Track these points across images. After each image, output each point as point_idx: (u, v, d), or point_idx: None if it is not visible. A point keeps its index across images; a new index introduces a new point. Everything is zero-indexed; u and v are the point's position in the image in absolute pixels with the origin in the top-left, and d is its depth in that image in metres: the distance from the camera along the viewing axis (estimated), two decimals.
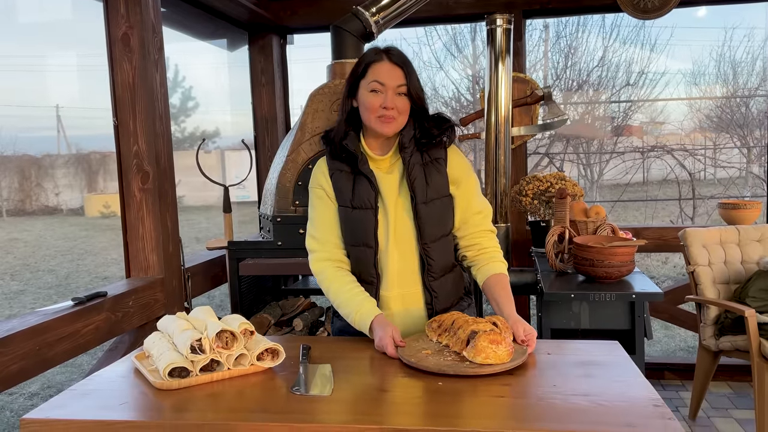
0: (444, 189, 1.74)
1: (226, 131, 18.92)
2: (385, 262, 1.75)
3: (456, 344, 1.51)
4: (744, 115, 10.09)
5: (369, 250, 1.72)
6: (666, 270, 7.63)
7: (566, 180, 3.21)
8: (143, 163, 2.65)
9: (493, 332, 1.46)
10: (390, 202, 1.73)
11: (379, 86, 1.65)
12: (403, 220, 1.73)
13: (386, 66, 1.66)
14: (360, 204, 1.72)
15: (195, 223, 13.89)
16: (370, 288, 1.75)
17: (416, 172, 1.71)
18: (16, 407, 4.09)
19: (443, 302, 1.78)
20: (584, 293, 2.55)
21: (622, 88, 9.60)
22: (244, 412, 1.26)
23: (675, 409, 3.30)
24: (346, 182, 1.74)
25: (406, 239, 1.74)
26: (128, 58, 2.60)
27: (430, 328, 1.64)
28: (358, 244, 1.74)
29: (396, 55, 1.67)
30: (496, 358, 1.43)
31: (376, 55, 1.67)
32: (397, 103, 1.66)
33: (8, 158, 19.06)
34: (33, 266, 10.00)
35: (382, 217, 1.73)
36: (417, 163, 1.71)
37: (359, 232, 1.72)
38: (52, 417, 1.27)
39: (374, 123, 1.68)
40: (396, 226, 1.73)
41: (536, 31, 8.84)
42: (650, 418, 1.19)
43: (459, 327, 1.53)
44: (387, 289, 1.76)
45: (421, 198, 1.70)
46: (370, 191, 1.71)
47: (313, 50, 5.45)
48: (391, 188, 1.74)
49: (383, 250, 1.74)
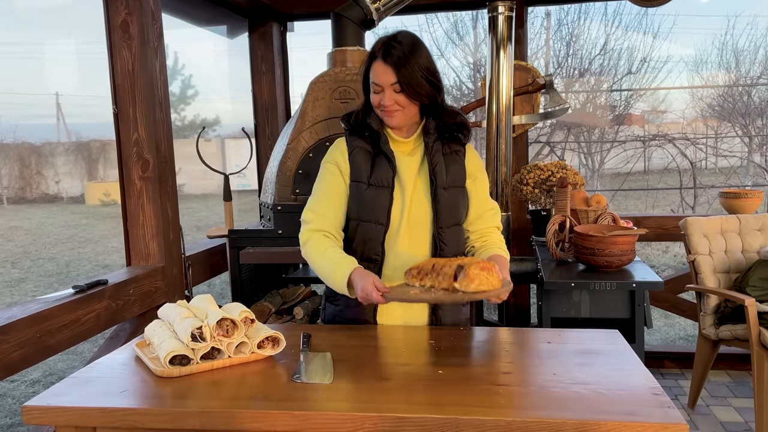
0: (462, 180, 1.77)
1: (226, 119, 18.89)
2: (394, 241, 1.74)
3: (443, 281, 1.51)
4: (746, 103, 10.06)
5: (380, 227, 1.73)
6: (666, 259, 7.64)
7: (567, 169, 3.20)
8: (143, 151, 2.64)
9: (483, 261, 1.49)
10: (408, 183, 1.74)
11: (377, 87, 1.68)
12: (420, 202, 1.74)
13: (380, 66, 1.66)
14: (377, 182, 1.72)
15: (195, 211, 13.89)
16: (373, 266, 1.74)
17: (437, 158, 1.74)
18: (17, 394, 4.11)
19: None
20: (585, 282, 2.55)
21: (624, 77, 9.57)
22: (245, 400, 1.27)
23: (674, 398, 3.31)
24: (365, 160, 1.74)
25: (420, 221, 1.74)
26: (127, 45, 2.59)
27: (410, 275, 1.61)
28: (370, 221, 1.73)
29: (388, 52, 1.64)
30: (489, 284, 1.44)
31: (374, 54, 1.68)
32: (397, 98, 1.66)
33: (8, 146, 19.04)
34: (34, 254, 10.02)
35: (398, 197, 1.74)
36: (438, 151, 1.74)
37: (373, 208, 1.72)
38: (53, 404, 1.28)
39: (381, 116, 1.72)
40: (411, 207, 1.74)
41: (538, 18, 8.81)
42: (650, 406, 1.19)
43: (442, 266, 1.54)
44: (392, 268, 1.75)
45: (441, 183, 1.73)
46: (388, 170, 1.73)
47: (314, 38, 5.42)
48: (410, 170, 1.75)
49: (394, 229, 1.74)
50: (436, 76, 1.69)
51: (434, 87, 1.69)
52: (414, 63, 1.64)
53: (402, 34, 1.68)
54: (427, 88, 1.67)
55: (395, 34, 1.68)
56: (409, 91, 1.65)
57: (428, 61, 1.68)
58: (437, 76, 1.70)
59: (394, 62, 1.63)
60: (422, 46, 1.69)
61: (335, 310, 1.84)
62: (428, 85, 1.67)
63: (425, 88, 1.67)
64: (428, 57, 1.68)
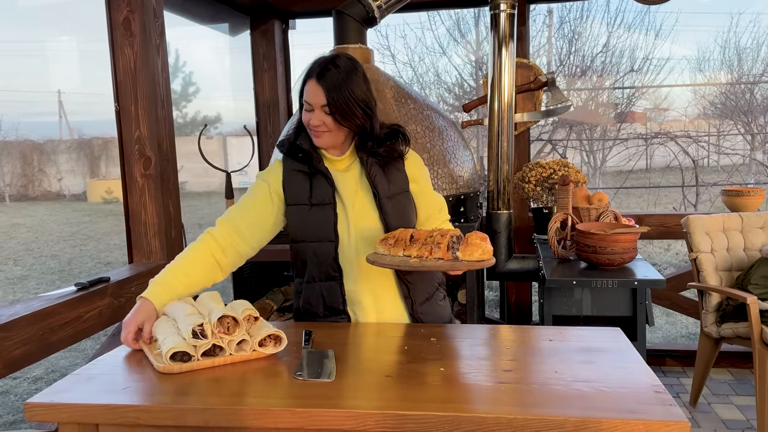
0: (404, 185, 1.77)
1: (227, 117, 18.90)
2: (350, 256, 1.73)
3: (437, 251, 1.53)
4: (748, 101, 10.04)
5: (330, 244, 1.72)
6: (668, 257, 7.63)
7: (569, 167, 3.20)
8: (145, 148, 2.64)
9: (476, 231, 1.55)
10: (348, 198, 1.73)
11: (307, 104, 1.66)
12: (365, 216, 1.73)
13: (312, 86, 1.64)
14: (319, 200, 1.73)
15: (197, 209, 13.90)
16: (335, 283, 1.74)
17: (375, 170, 1.73)
18: (20, 391, 4.12)
19: (421, 293, 1.79)
20: (586, 280, 2.55)
21: (626, 74, 9.55)
22: (247, 397, 1.27)
23: (676, 396, 3.31)
24: (303, 182, 1.74)
25: (370, 234, 1.72)
26: (129, 43, 2.59)
27: (387, 244, 1.60)
28: (319, 239, 1.73)
29: (323, 74, 1.63)
30: (488, 253, 1.51)
31: (309, 72, 1.66)
32: (325, 120, 1.65)
33: (11, 143, 19.08)
34: (36, 251, 10.04)
35: (341, 214, 1.73)
36: (375, 163, 1.73)
37: (319, 227, 1.72)
38: (55, 401, 1.28)
39: (310, 135, 1.71)
40: (358, 221, 1.73)
41: (540, 16, 8.78)
42: (651, 404, 1.19)
43: (427, 237, 1.56)
44: (355, 282, 1.74)
45: (384, 193, 1.72)
46: (327, 187, 1.73)
47: (316, 35, 5.42)
48: (349, 185, 1.74)
49: (345, 245, 1.73)
50: (370, 106, 1.68)
51: (366, 115, 1.67)
52: (347, 89, 1.62)
53: (342, 59, 1.67)
54: (358, 116, 1.65)
55: (336, 56, 1.68)
56: (338, 116, 1.64)
57: (362, 90, 1.66)
58: (371, 105, 1.68)
59: (327, 85, 1.62)
60: (359, 74, 1.67)
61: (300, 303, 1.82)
62: (359, 113, 1.65)
63: (356, 116, 1.65)
64: (363, 86, 1.66)
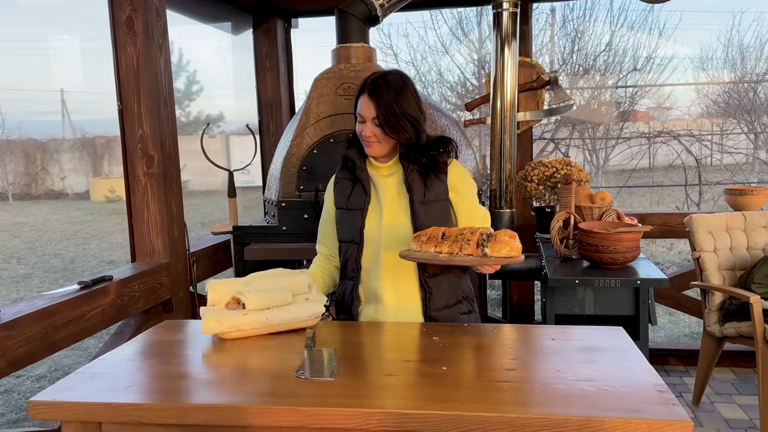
0: (443, 193, 1.84)
1: (230, 115, 18.93)
2: (377, 256, 1.83)
3: (467, 248, 1.60)
4: (752, 100, 10.01)
5: (354, 245, 1.85)
6: (671, 256, 7.62)
7: (572, 165, 3.19)
8: (148, 147, 2.65)
9: (505, 229, 1.61)
10: (386, 202, 1.85)
11: (360, 117, 1.80)
12: (398, 218, 1.83)
13: (364, 100, 1.77)
14: (353, 205, 1.87)
15: (200, 207, 13.92)
16: (351, 283, 1.87)
17: (414, 177, 1.82)
18: (23, 390, 4.14)
19: (439, 300, 1.83)
20: (589, 279, 2.55)
21: (629, 73, 9.53)
22: (250, 396, 1.27)
23: (679, 395, 3.31)
24: (347, 188, 1.90)
25: (399, 235, 1.81)
26: (132, 42, 2.59)
27: (419, 240, 1.68)
28: (347, 241, 1.88)
29: (374, 90, 1.75)
30: (517, 250, 1.56)
31: (363, 87, 1.79)
32: (375, 132, 1.78)
33: (13, 142, 19.11)
34: (39, 250, 10.06)
35: (374, 216, 1.85)
36: (415, 170, 1.83)
37: (349, 229, 1.86)
38: (59, 399, 1.28)
39: (364, 144, 1.83)
40: (390, 221, 1.83)
41: (542, 15, 8.76)
42: (654, 403, 1.19)
43: (458, 234, 1.64)
44: (379, 280, 1.83)
45: (418, 198, 1.81)
46: (362, 194, 1.86)
47: (318, 34, 5.42)
48: (388, 189, 1.86)
49: (375, 245, 1.83)
50: (418, 120, 1.78)
51: (413, 128, 1.78)
52: (396, 105, 1.74)
53: (394, 75, 1.79)
54: (406, 129, 1.77)
55: (388, 72, 1.80)
56: (387, 128, 1.76)
57: (411, 105, 1.77)
58: (419, 119, 1.79)
59: (377, 100, 1.74)
60: (409, 90, 1.78)
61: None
62: (408, 126, 1.77)
63: (404, 130, 1.76)
64: (412, 101, 1.77)
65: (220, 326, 1.59)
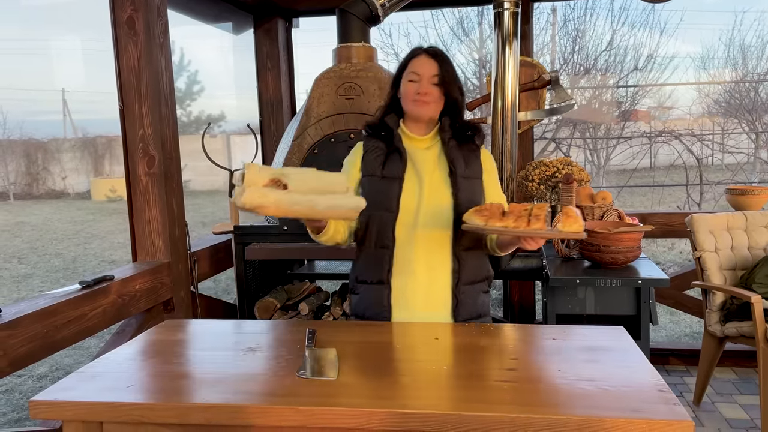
0: (478, 172, 1.91)
1: (231, 115, 18.94)
2: (412, 228, 1.83)
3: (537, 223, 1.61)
4: (753, 100, 10.01)
5: (389, 214, 1.83)
6: (672, 256, 7.61)
7: (573, 165, 3.19)
8: (149, 147, 2.65)
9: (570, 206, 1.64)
10: (426, 175, 1.85)
11: (416, 76, 1.83)
12: (438, 190, 1.85)
13: (424, 59, 1.84)
14: (389, 174, 1.86)
15: (201, 207, 13.92)
16: (386, 252, 1.84)
17: (454, 152, 1.88)
18: (24, 389, 4.14)
19: (467, 274, 1.86)
20: (590, 279, 2.55)
21: (630, 73, 9.53)
22: (250, 395, 1.27)
23: (680, 395, 3.30)
24: (379, 157, 1.89)
25: (439, 208, 1.83)
26: (133, 42, 2.59)
27: (482, 215, 1.66)
28: (380, 209, 1.84)
29: (433, 50, 1.86)
30: (582, 226, 1.60)
31: (417, 50, 1.87)
32: (431, 90, 1.82)
33: (15, 142, 19.13)
34: (40, 250, 10.07)
35: (413, 187, 1.84)
36: (455, 146, 1.89)
37: (384, 198, 1.84)
38: (60, 399, 1.28)
39: (411, 106, 1.85)
40: (430, 194, 1.84)
41: (544, 14, 8.76)
42: (655, 403, 1.19)
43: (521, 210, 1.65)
44: (413, 252, 1.82)
45: (461, 172, 1.85)
46: (400, 164, 1.86)
47: (319, 34, 5.42)
48: (427, 162, 1.88)
49: (411, 217, 1.83)
50: (463, 92, 1.89)
51: (461, 93, 1.88)
52: (451, 65, 1.86)
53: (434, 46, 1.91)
54: (457, 89, 1.86)
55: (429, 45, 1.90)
56: (445, 86, 1.82)
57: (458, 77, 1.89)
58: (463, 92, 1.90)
59: (438, 58, 1.84)
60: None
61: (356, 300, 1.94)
62: (457, 88, 1.86)
63: (456, 90, 1.85)
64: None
65: (265, 198, 1.43)
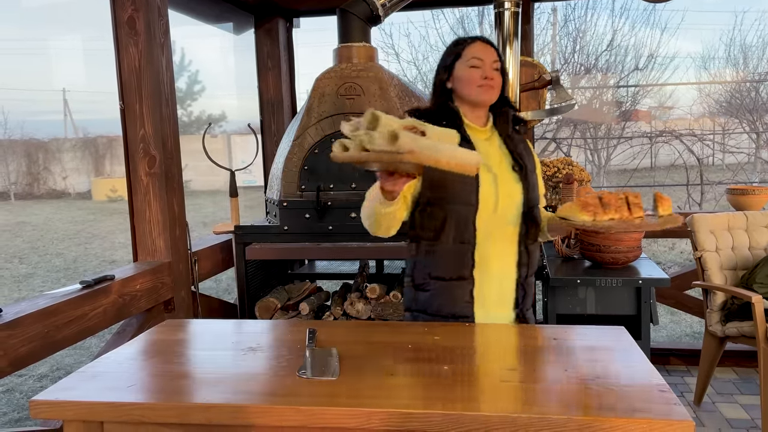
0: (534, 165, 1.89)
1: (232, 115, 18.95)
2: (488, 222, 1.76)
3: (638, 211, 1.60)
4: (753, 99, 10.01)
5: (469, 208, 1.74)
6: (673, 256, 7.61)
7: (573, 165, 3.19)
8: (150, 147, 2.65)
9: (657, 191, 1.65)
10: (495, 166, 1.79)
11: (478, 62, 1.79)
12: (511, 185, 1.80)
13: (483, 45, 1.82)
14: None
15: (202, 207, 13.94)
16: (467, 247, 1.75)
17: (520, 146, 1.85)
18: (25, 389, 4.14)
19: (533, 264, 1.86)
20: (590, 279, 2.55)
21: (631, 73, 9.53)
22: (251, 395, 1.27)
23: (680, 395, 3.30)
24: None
25: (513, 201, 1.79)
26: (134, 42, 2.59)
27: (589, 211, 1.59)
28: (457, 202, 1.74)
29: (486, 38, 1.85)
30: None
31: (471, 38, 1.84)
32: (496, 75, 1.81)
33: (16, 142, 19.15)
34: (41, 249, 10.07)
35: (488, 179, 1.76)
36: (514, 138, 1.87)
37: (461, 190, 1.73)
38: (61, 399, 1.28)
39: (475, 92, 1.79)
40: (503, 187, 1.78)
41: (544, 14, 8.76)
42: (655, 403, 1.19)
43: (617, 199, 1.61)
44: (489, 247, 1.78)
45: (531, 167, 1.84)
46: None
47: (320, 34, 5.42)
48: (493, 154, 1.82)
49: (489, 211, 1.76)
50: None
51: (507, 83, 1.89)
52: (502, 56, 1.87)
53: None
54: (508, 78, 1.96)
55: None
56: (503, 71, 1.83)
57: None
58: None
59: (494, 46, 1.84)
60: None
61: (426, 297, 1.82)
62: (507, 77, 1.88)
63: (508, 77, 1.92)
64: None
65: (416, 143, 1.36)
